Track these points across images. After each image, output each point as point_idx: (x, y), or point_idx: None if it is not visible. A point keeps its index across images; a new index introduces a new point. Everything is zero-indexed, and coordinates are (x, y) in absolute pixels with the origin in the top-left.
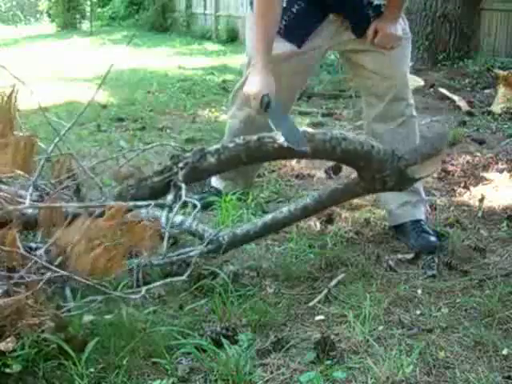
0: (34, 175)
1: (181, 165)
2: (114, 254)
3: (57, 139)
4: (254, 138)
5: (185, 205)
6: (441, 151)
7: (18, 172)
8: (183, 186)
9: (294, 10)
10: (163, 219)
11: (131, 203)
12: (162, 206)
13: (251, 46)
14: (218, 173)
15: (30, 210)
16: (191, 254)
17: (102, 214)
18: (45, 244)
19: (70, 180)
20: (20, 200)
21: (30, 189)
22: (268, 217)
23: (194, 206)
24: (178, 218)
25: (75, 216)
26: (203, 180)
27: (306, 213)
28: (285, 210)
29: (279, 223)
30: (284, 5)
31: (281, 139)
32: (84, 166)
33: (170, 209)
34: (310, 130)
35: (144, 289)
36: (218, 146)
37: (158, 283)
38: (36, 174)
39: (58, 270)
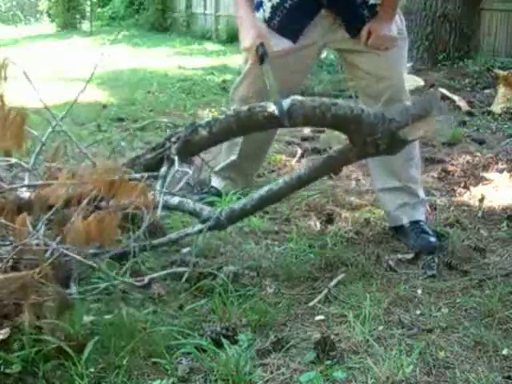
0: (29, 162)
1: (173, 139)
2: (106, 218)
3: (53, 125)
4: (245, 108)
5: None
6: (431, 112)
7: (16, 160)
8: (176, 158)
9: (287, 5)
10: (157, 187)
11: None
12: (155, 177)
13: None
14: (210, 146)
15: (26, 195)
16: (190, 231)
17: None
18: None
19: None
20: (16, 185)
21: (27, 175)
22: (264, 189)
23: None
24: (175, 199)
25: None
26: (197, 154)
27: (301, 182)
28: (280, 181)
29: (275, 195)
30: (277, 0)
31: (271, 108)
32: (81, 147)
33: (164, 179)
34: (299, 97)
35: (147, 278)
36: (208, 118)
37: (161, 272)
38: (31, 161)
39: (58, 246)
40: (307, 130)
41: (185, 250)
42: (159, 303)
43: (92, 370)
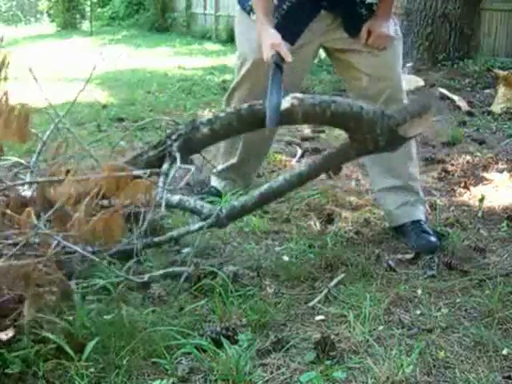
0: (31, 159)
1: (174, 137)
2: (111, 216)
3: (54, 123)
4: (245, 105)
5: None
6: (429, 109)
7: (17, 159)
8: (178, 154)
9: (285, 7)
10: (160, 184)
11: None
12: (157, 174)
13: (245, 47)
14: (211, 143)
15: (28, 193)
16: (191, 229)
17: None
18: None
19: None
20: (20, 182)
21: (28, 174)
22: (264, 187)
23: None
24: (176, 197)
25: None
26: (198, 152)
27: (301, 179)
28: (280, 178)
29: (275, 192)
30: (275, 2)
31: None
32: (83, 145)
33: (166, 176)
34: (298, 95)
35: (147, 276)
36: (209, 116)
37: (161, 271)
38: (33, 158)
39: (62, 240)
40: (307, 130)
41: (185, 250)
42: (159, 303)
43: (92, 370)
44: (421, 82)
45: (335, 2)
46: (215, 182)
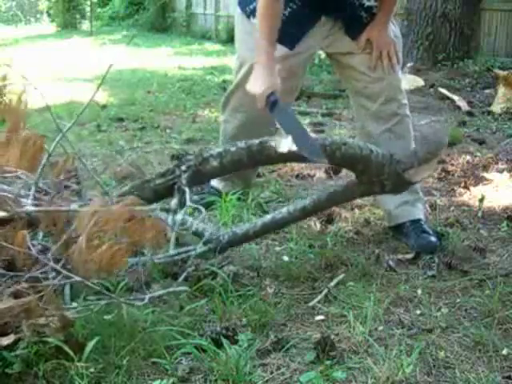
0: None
1: (183, 168)
2: (117, 251)
3: (58, 138)
4: (256, 141)
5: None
6: (437, 156)
7: (22, 171)
8: (187, 190)
9: (286, 12)
10: (169, 222)
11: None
12: (166, 210)
13: (244, 49)
14: (220, 176)
15: (31, 208)
16: (191, 253)
17: None
18: (50, 243)
19: (71, 180)
20: (22, 200)
21: (32, 188)
22: (267, 217)
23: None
24: (178, 217)
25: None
26: (205, 182)
27: (304, 214)
28: (284, 210)
29: (278, 224)
30: None
31: (282, 148)
32: (88, 166)
33: (175, 212)
34: (311, 134)
35: (147, 297)
36: (220, 149)
37: (161, 292)
38: (37, 172)
39: (70, 274)
40: (307, 130)
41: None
42: (159, 303)
43: (92, 370)
44: (421, 82)
45: (335, 7)
46: (215, 182)
